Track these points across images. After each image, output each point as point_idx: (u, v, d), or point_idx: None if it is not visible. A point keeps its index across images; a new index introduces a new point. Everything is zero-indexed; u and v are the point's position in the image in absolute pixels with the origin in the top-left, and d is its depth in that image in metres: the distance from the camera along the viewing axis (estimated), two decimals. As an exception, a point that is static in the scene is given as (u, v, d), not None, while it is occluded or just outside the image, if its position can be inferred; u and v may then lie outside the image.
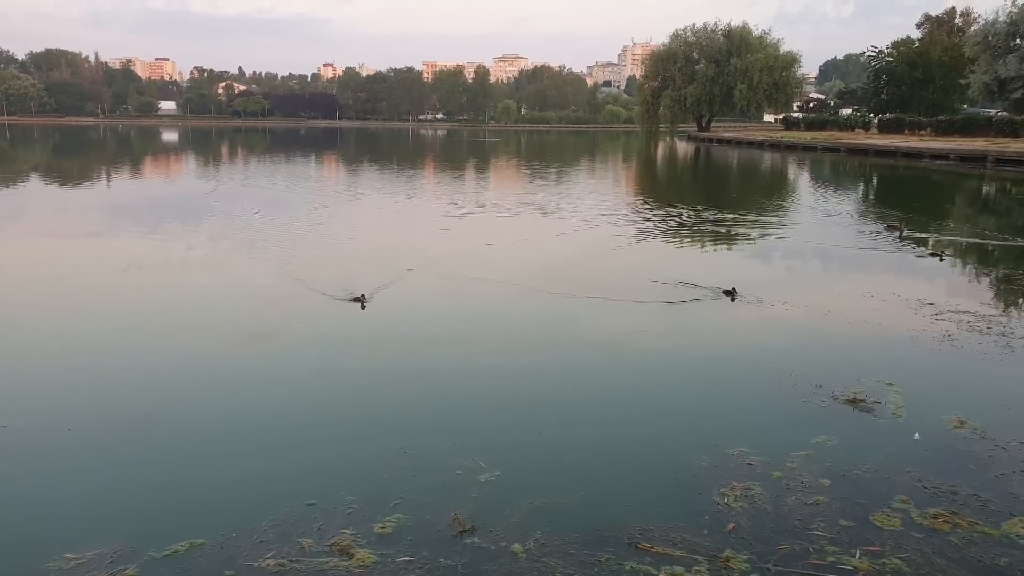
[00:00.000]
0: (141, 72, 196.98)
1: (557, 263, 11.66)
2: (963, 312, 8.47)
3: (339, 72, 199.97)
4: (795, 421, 5.51)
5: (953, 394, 6.06)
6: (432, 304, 8.85)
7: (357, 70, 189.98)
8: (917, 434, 5.21)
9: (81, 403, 5.78)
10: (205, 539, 3.84)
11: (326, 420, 5.52)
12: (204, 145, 63.53)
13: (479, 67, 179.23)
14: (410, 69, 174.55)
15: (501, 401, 5.98)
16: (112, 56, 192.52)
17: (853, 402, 5.80)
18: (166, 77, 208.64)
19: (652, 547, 3.87)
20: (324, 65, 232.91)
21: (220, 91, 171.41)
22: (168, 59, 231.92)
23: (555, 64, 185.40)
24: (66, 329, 7.79)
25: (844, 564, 3.71)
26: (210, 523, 3.99)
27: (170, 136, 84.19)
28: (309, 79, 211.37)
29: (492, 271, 10.86)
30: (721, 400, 6.00)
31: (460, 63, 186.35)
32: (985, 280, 10.78)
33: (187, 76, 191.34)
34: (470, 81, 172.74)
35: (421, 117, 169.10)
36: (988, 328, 7.85)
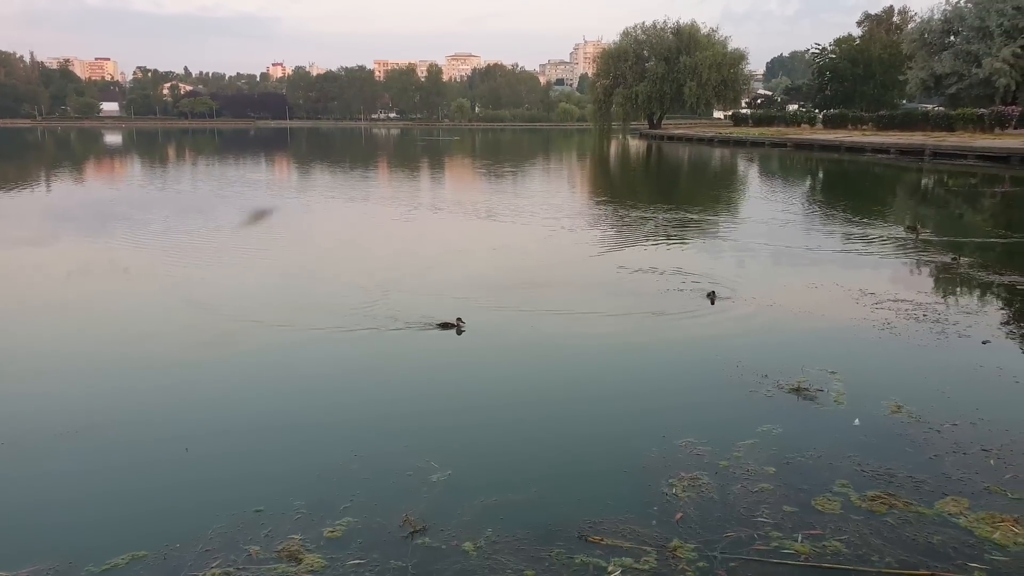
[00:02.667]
0: (80, 72, 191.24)
1: (514, 266, 11.70)
2: (902, 301, 8.74)
3: (289, 72, 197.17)
4: (741, 411, 5.62)
5: (891, 380, 6.25)
6: (382, 309, 8.77)
7: (307, 69, 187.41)
8: (857, 420, 5.37)
9: (9, 414, 5.59)
10: (147, 551, 3.75)
11: (274, 426, 5.44)
12: (150, 147, 61.95)
13: (432, 66, 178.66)
14: (361, 68, 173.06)
15: (452, 402, 5.96)
16: (49, 56, 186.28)
17: (797, 391, 5.94)
18: (107, 77, 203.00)
19: (602, 539, 3.91)
20: (273, 65, 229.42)
21: (165, 92, 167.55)
22: (109, 59, 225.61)
23: (508, 62, 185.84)
24: None
25: (787, 549, 3.81)
26: (152, 534, 3.90)
27: (113, 138, 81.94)
28: (258, 79, 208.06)
29: (441, 273, 10.85)
30: (670, 394, 6.09)
31: (412, 62, 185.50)
32: (923, 270, 11.12)
33: (130, 76, 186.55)
34: (423, 80, 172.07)
35: (374, 116, 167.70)
36: (924, 316, 8.12)
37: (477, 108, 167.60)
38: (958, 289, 9.85)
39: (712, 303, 8.65)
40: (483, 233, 14.80)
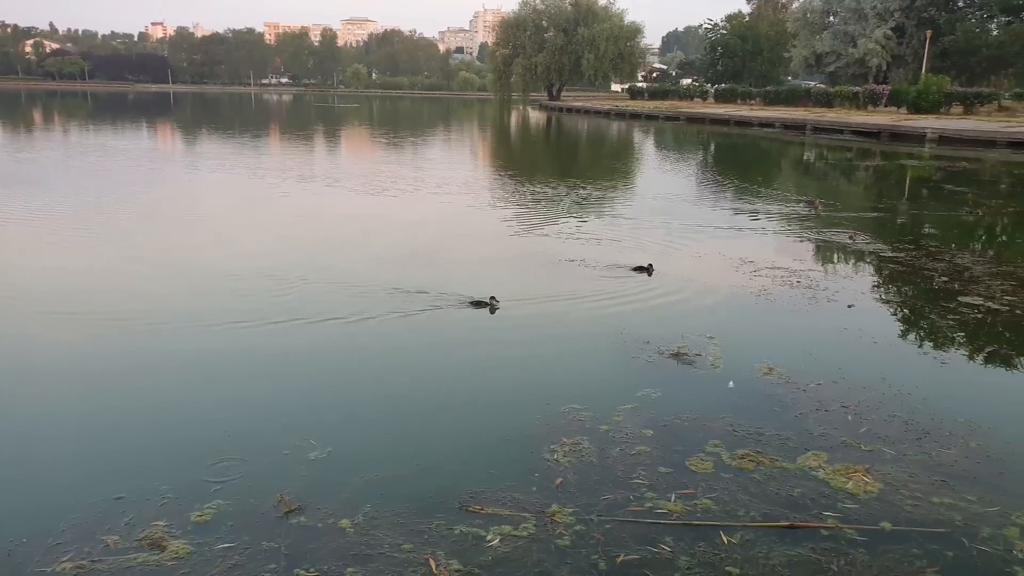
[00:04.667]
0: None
1: (413, 243, 11.52)
2: (778, 269, 9.18)
3: (170, 32, 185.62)
4: (623, 376, 5.76)
5: (765, 344, 6.56)
6: (265, 288, 8.43)
7: (191, 30, 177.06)
8: (731, 382, 5.60)
9: None
10: (-9, 546, 3.47)
11: (139, 408, 5.15)
12: (11, 110, 57.11)
13: (326, 30, 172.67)
14: (250, 31, 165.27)
15: (334, 377, 5.81)
16: None
17: (677, 356, 6.14)
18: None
19: (482, 508, 3.92)
20: (153, 24, 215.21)
21: (28, 50, 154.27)
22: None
23: (406, 29, 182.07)
24: None
25: (661, 508, 3.93)
26: (-4, 530, 3.61)
27: (-29, 100, 75.17)
28: (136, 39, 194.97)
29: (335, 254, 10.58)
30: (556, 364, 6.16)
31: (306, 25, 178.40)
32: (798, 239, 11.70)
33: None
34: (316, 44, 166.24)
35: (264, 81, 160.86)
36: (798, 282, 8.56)
37: (374, 75, 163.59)
38: (829, 257, 10.43)
39: (649, 275, 8.73)
40: (383, 209, 14.45)
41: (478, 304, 7.40)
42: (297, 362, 6.08)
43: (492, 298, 7.41)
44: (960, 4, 56.65)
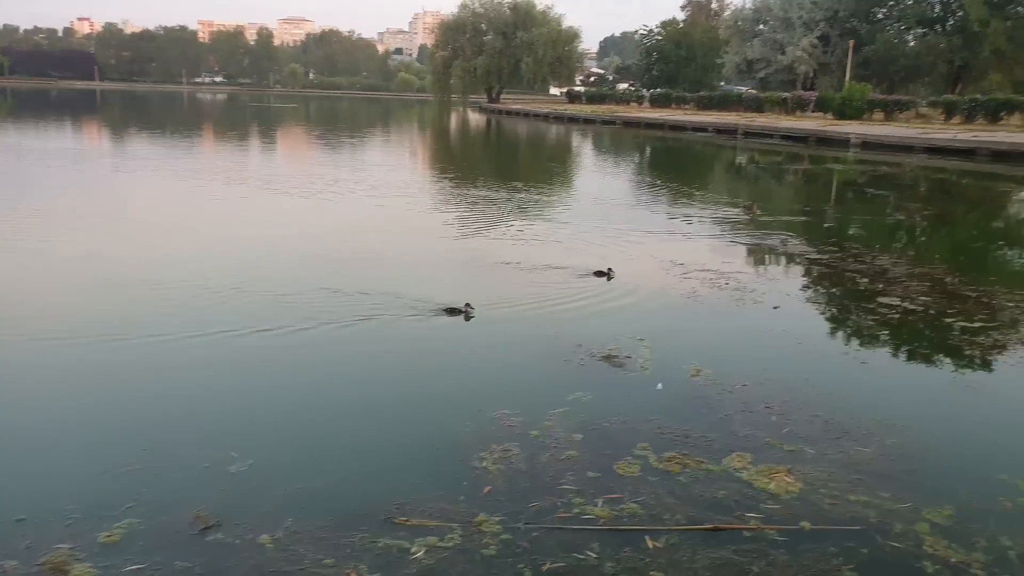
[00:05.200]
0: None
1: (350, 248, 11.32)
2: (708, 271, 9.35)
3: (97, 28, 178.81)
4: (555, 380, 5.76)
5: (694, 345, 6.66)
6: (189, 298, 8.16)
7: (120, 26, 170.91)
8: (660, 384, 5.66)
9: None
10: None
11: (46, 425, 4.89)
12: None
13: (262, 28, 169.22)
14: (183, 28, 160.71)
15: (260, 389, 5.63)
16: None
17: (608, 358, 6.17)
18: None
19: (408, 520, 3.85)
20: (79, 19, 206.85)
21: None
22: None
23: (344, 29, 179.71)
24: None
25: (588, 514, 3.93)
26: None
27: None
28: (60, 34, 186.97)
29: (265, 261, 10.32)
30: (487, 369, 6.12)
31: (241, 24, 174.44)
32: (729, 242, 11.94)
33: None
34: (252, 43, 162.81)
35: (197, 80, 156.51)
36: (727, 284, 8.74)
37: (312, 75, 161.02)
38: (758, 259, 10.69)
39: (608, 279, 8.70)
40: (319, 213, 14.16)
41: (452, 311, 7.23)
42: (221, 374, 5.88)
43: (467, 305, 7.23)
44: (880, 16, 59.00)
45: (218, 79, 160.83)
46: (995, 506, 4.11)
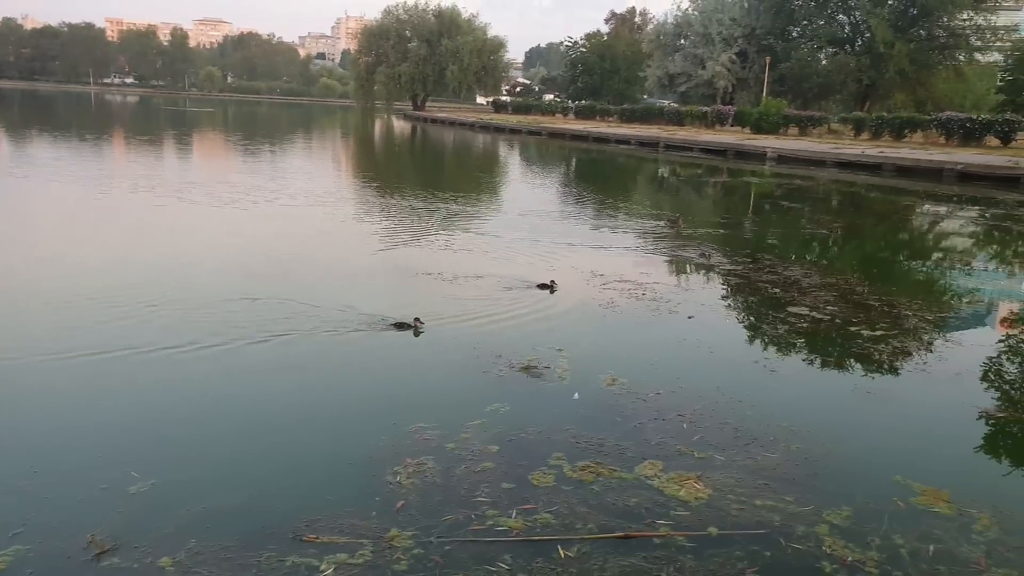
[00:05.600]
0: None
1: (265, 258, 11.02)
2: (626, 281, 9.52)
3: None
4: (473, 392, 5.74)
5: (610, 355, 6.76)
6: (91, 312, 7.78)
7: (19, 22, 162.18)
8: (576, 394, 5.72)
9: None
10: None
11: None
12: None
13: (176, 29, 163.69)
14: (89, 25, 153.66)
15: (163, 407, 5.37)
16: None
17: (526, 369, 6.20)
18: None
19: (317, 538, 3.76)
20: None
21: None
22: None
23: (264, 32, 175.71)
24: None
25: (501, 526, 3.92)
26: None
27: None
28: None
29: (179, 275, 9.95)
30: (405, 382, 6.03)
31: (153, 23, 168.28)
32: (648, 253, 12.20)
33: None
34: (166, 44, 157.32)
35: (106, 81, 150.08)
36: (643, 295, 8.92)
37: (230, 78, 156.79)
38: (675, 270, 10.96)
39: (552, 292, 8.72)
40: (236, 223, 13.68)
41: (401, 326, 7.08)
42: (122, 391, 5.60)
43: (416, 319, 7.08)
44: (794, 35, 61.72)
45: (129, 80, 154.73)
46: (889, 506, 4.31)
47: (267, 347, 6.60)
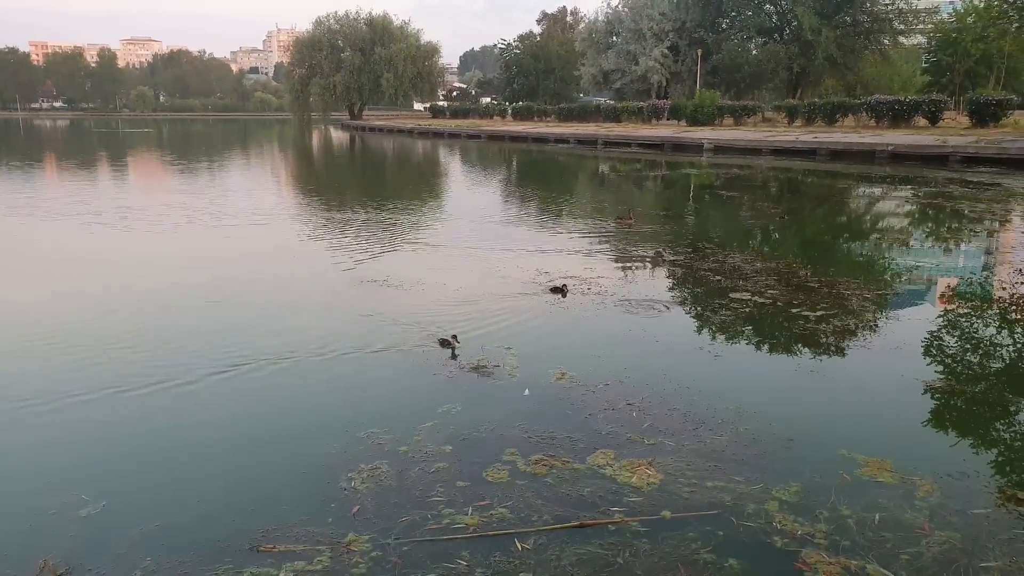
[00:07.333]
0: None
1: (206, 280, 10.82)
2: (571, 277, 9.64)
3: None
4: (424, 394, 5.76)
5: (558, 350, 6.85)
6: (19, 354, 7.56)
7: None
8: (527, 390, 5.80)
9: None
10: None
11: None
12: None
13: (103, 50, 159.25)
14: (13, 50, 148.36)
15: (109, 428, 5.27)
16: None
17: (477, 369, 6.25)
18: None
19: (275, 547, 3.75)
20: None
21: None
22: None
23: (194, 49, 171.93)
24: None
25: (458, 523, 3.97)
26: None
27: None
28: None
29: (125, 297, 9.71)
30: (353, 388, 6.01)
31: (80, 45, 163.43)
32: (594, 249, 12.35)
33: None
34: (94, 65, 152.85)
35: (34, 106, 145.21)
36: (589, 289, 9.06)
37: (162, 97, 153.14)
38: (619, 263, 11.14)
39: (563, 296, 8.70)
40: (174, 248, 13.33)
41: (444, 343, 6.80)
42: (66, 416, 5.47)
43: (454, 336, 6.83)
44: (724, 26, 63.15)
45: (57, 104, 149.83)
46: (836, 480, 4.46)
47: (217, 367, 6.48)
